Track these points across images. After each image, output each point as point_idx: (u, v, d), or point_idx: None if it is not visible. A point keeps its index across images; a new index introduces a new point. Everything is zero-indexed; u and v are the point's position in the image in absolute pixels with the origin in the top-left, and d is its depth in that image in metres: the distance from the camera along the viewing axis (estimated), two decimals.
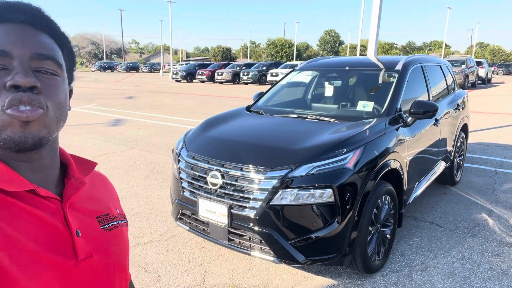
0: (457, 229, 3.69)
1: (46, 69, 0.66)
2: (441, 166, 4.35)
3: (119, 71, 56.91)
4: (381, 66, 3.96)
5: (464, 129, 5.19)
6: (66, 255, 0.64)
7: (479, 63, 25.03)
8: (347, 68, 4.19)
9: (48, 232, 0.63)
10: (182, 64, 41.64)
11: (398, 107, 3.37)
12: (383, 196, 2.86)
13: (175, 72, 31.82)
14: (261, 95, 4.35)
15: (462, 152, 5.24)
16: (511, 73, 46.97)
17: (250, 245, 2.62)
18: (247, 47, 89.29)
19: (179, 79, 31.10)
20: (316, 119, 3.38)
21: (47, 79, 0.66)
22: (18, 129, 0.62)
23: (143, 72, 58.49)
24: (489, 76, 27.25)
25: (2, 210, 0.60)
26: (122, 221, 0.82)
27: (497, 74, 44.76)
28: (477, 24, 70.84)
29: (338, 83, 4.18)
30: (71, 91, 0.78)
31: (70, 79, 0.77)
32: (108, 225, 0.77)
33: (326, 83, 4.23)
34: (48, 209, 0.65)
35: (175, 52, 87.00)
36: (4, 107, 0.60)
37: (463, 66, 20.87)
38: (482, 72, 25.04)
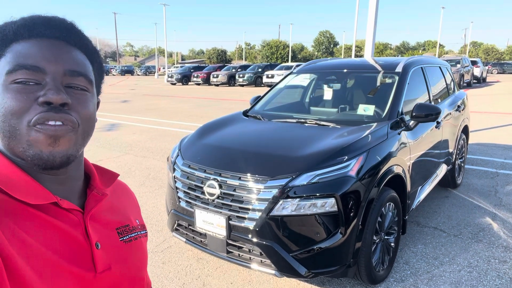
0: (461, 235, 3.59)
1: (77, 85, 0.67)
2: (443, 169, 4.26)
3: (113, 75, 56.63)
4: (381, 68, 3.86)
5: (465, 130, 5.11)
6: (85, 267, 0.65)
7: (474, 63, 25.06)
8: (346, 70, 4.09)
9: (69, 244, 0.64)
10: (177, 67, 41.47)
11: (400, 110, 3.28)
12: (387, 203, 2.75)
13: (170, 75, 31.64)
14: (258, 99, 4.24)
15: (463, 154, 5.15)
16: (505, 71, 47.18)
17: (250, 257, 2.51)
18: (242, 49, 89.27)
19: (174, 82, 30.92)
20: (316, 124, 3.28)
21: (77, 95, 0.67)
22: (47, 147, 0.63)
23: (138, 75, 58.26)
24: (484, 75, 27.29)
25: (25, 222, 0.61)
26: (141, 232, 0.82)
27: (492, 73, 44.96)
28: (470, 24, 71.22)
29: (337, 86, 4.08)
30: (98, 103, 0.79)
31: (98, 91, 0.78)
32: (127, 237, 0.77)
33: (325, 86, 4.13)
34: (69, 221, 0.67)
35: (170, 55, 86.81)
36: (31, 123, 0.62)
37: (458, 65, 20.88)
38: (477, 71, 25.06)
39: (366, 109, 3.44)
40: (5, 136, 0.63)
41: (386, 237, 2.84)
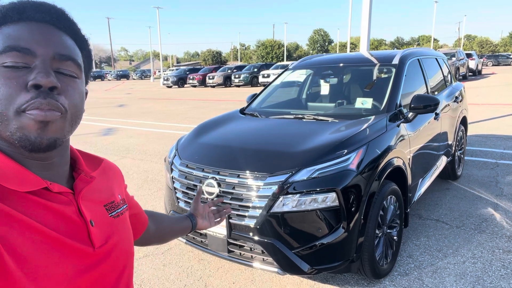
0: (464, 226, 3.56)
1: (66, 70, 0.67)
2: (443, 161, 4.24)
3: (109, 80, 56.52)
4: (378, 61, 3.83)
5: (464, 122, 5.09)
6: (85, 243, 0.68)
7: (469, 55, 25.09)
8: (342, 64, 4.06)
9: (65, 223, 0.66)
10: (172, 70, 41.37)
11: (398, 102, 3.24)
12: (389, 196, 2.72)
13: (165, 78, 31.55)
14: (254, 96, 4.20)
15: (463, 146, 5.13)
16: (500, 63, 47.30)
17: (252, 256, 2.47)
18: (237, 49, 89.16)
19: (170, 84, 30.85)
20: (314, 119, 3.24)
21: (67, 80, 0.67)
22: (35, 130, 0.63)
23: (134, 79, 58.13)
24: (479, 67, 27.33)
25: (20, 204, 0.61)
26: (124, 207, 0.84)
27: (487, 65, 45.03)
28: (464, 17, 71.39)
29: (334, 80, 4.05)
30: (86, 93, 0.78)
31: (86, 81, 0.78)
32: (115, 212, 0.80)
33: (322, 81, 4.09)
34: (62, 202, 0.68)
35: (165, 58, 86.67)
36: (22, 109, 0.61)
37: (454, 59, 20.88)
38: (472, 64, 25.10)
39: (364, 102, 3.41)
40: None
41: (388, 230, 2.80)
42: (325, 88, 3.97)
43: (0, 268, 0.55)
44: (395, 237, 2.89)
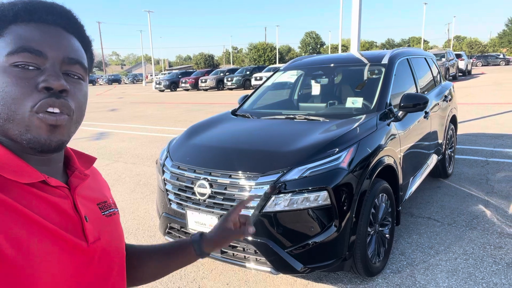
0: (455, 223, 3.59)
1: (74, 73, 0.69)
2: (433, 159, 4.27)
3: (100, 84, 56.23)
4: (367, 61, 3.86)
5: (453, 120, 5.14)
6: (79, 237, 0.68)
7: (458, 56, 25.36)
8: (332, 65, 4.08)
9: (62, 216, 0.67)
10: (164, 74, 41.26)
11: (388, 101, 3.27)
12: (380, 195, 2.74)
13: (158, 82, 31.42)
14: (246, 98, 4.20)
15: (453, 144, 5.18)
16: (489, 63, 47.88)
17: (245, 256, 2.47)
18: (229, 53, 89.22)
19: (163, 88, 30.72)
20: (305, 119, 3.25)
21: (74, 83, 0.69)
22: (45, 132, 0.64)
23: (126, 83, 57.87)
24: (469, 68, 27.63)
25: (19, 196, 0.62)
26: (115, 209, 0.86)
27: (476, 66, 45.55)
28: (453, 18, 72.24)
29: (325, 81, 4.07)
30: None
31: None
32: (107, 212, 0.81)
33: (313, 82, 4.12)
34: (59, 195, 0.69)
35: (157, 62, 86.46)
36: (35, 109, 0.63)
37: (443, 59, 21.09)
38: (462, 64, 25.36)
39: (354, 102, 3.43)
40: (1, 118, 0.63)
41: (380, 228, 2.82)
42: (316, 89, 3.99)
43: None
44: (387, 235, 2.90)
